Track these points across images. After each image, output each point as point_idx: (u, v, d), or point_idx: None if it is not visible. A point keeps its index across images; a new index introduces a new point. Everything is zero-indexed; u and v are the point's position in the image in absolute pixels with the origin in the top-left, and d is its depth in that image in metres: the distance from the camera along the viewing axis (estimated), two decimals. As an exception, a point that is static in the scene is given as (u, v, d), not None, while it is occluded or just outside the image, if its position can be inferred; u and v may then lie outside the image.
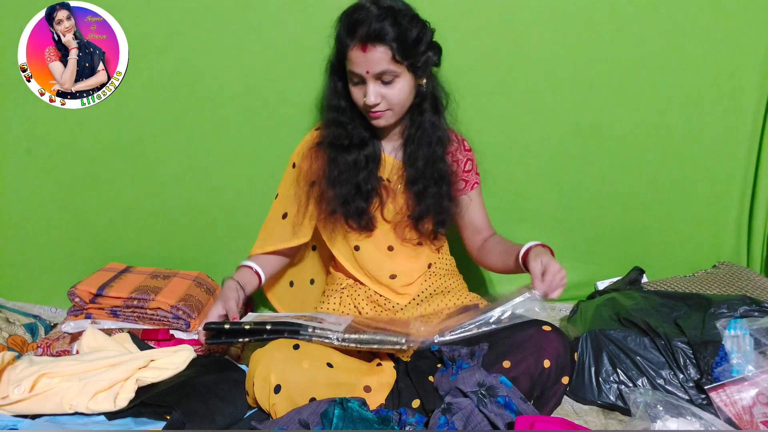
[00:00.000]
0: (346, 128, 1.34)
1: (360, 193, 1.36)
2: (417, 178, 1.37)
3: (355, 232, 1.41)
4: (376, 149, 1.38)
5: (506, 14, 1.56)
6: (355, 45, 1.22)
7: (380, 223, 1.42)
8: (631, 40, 1.58)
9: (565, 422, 1.12)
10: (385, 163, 1.41)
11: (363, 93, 1.27)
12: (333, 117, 1.35)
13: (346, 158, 1.35)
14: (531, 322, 1.26)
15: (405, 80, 1.27)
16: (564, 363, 1.19)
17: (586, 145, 1.67)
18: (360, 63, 1.23)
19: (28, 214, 1.65)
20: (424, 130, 1.35)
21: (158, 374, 1.23)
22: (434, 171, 1.37)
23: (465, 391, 1.14)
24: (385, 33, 1.20)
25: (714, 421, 1.09)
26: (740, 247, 1.80)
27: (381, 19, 1.20)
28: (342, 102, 1.33)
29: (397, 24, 1.21)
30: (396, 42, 1.21)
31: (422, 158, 1.36)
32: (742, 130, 1.69)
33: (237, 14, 1.51)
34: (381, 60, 1.22)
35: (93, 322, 1.45)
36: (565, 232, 1.76)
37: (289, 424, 1.08)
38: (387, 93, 1.26)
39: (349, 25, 1.22)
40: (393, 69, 1.23)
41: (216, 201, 1.67)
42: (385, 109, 1.29)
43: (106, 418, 1.15)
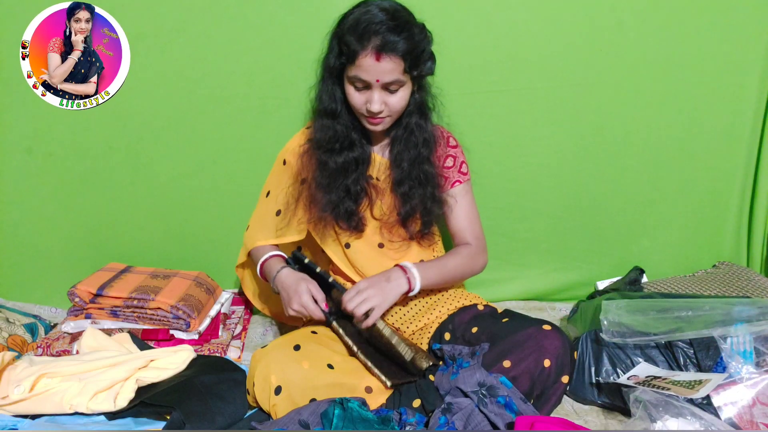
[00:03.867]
0: (337, 132, 1.34)
1: (349, 195, 1.37)
2: (403, 180, 1.37)
3: (346, 232, 1.41)
4: (366, 150, 1.39)
5: (506, 14, 1.56)
6: (367, 53, 1.21)
7: (369, 221, 1.42)
8: (631, 39, 1.58)
9: (565, 422, 1.12)
10: (374, 161, 1.41)
11: (365, 99, 1.27)
12: (327, 121, 1.34)
13: (336, 160, 1.35)
14: (531, 321, 1.26)
15: (407, 88, 1.28)
16: (564, 362, 1.19)
17: (586, 144, 1.67)
18: (371, 71, 1.22)
19: (28, 214, 1.65)
20: (410, 131, 1.35)
21: (158, 374, 1.23)
22: (420, 172, 1.36)
23: (465, 391, 1.15)
24: (401, 46, 1.21)
25: (714, 421, 1.09)
26: (740, 247, 1.80)
27: (398, 31, 1.20)
28: (338, 106, 1.33)
29: (411, 36, 1.22)
30: (409, 55, 1.22)
31: (408, 160, 1.36)
32: (742, 130, 1.69)
33: (237, 14, 1.51)
34: (393, 71, 1.22)
35: (93, 322, 1.45)
36: (565, 232, 1.76)
37: (289, 424, 1.08)
38: (390, 101, 1.27)
39: (362, 32, 1.21)
40: (401, 79, 1.25)
41: (216, 201, 1.67)
42: (386, 116, 1.30)
43: (106, 418, 1.15)
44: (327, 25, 1.30)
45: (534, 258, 1.78)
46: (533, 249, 1.77)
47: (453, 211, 1.43)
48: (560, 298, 1.81)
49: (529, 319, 1.28)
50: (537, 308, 1.76)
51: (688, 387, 1.13)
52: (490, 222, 1.71)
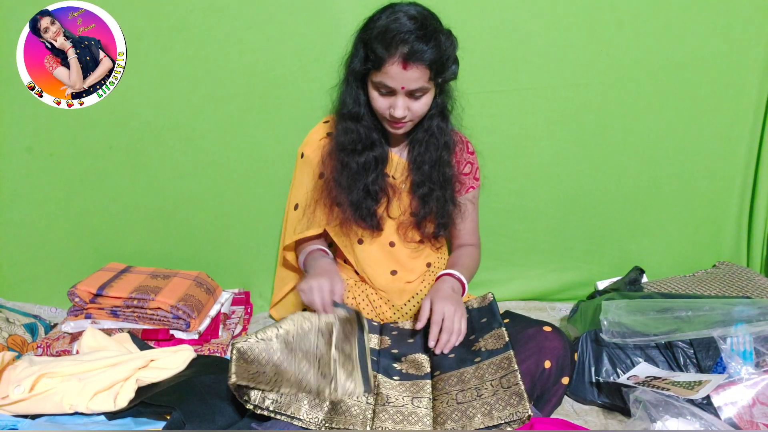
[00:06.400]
0: (360, 134, 1.35)
1: (369, 195, 1.37)
2: (423, 182, 1.38)
3: (366, 231, 1.42)
4: (385, 150, 1.40)
5: (506, 14, 1.56)
6: (394, 61, 1.21)
7: (386, 221, 1.43)
8: (631, 39, 1.58)
9: (565, 423, 1.12)
10: (392, 162, 1.42)
11: (389, 104, 1.27)
12: (350, 125, 1.35)
13: (358, 161, 1.36)
14: (531, 322, 1.27)
15: (431, 94, 1.29)
16: (564, 363, 1.19)
17: (586, 144, 1.67)
18: (397, 78, 1.22)
19: (28, 214, 1.65)
20: (432, 134, 1.36)
21: (158, 374, 1.23)
22: (440, 175, 1.38)
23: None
24: (428, 55, 1.21)
25: (714, 421, 1.09)
26: (740, 247, 1.80)
27: (425, 40, 1.20)
28: (362, 109, 1.33)
29: (438, 45, 1.22)
30: (435, 63, 1.23)
31: (429, 162, 1.37)
32: (742, 130, 1.69)
33: (237, 13, 1.51)
34: (419, 79, 1.23)
35: (93, 322, 1.45)
36: (565, 232, 1.76)
37: (289, 424, 1.08)
38: (413, 106, 1.28)
39: (389, 39, 1.20)
40: (426, 86, 1.25)
41: (216, 200, 1.67)
42: (408, 120, 1.30)
43: (106, 418, 1.15)
44: (327, 24, 1.30)
45: (534, 258, 1.78)
46: (533, 249, 1.77)
47: (462, 215, 1.46)
48: (560, 298, 1.81)
49: (529, 321, 1.29)
50: (537, 308, 1.76)
51: (687, 388, 1.13)
52: (491, 222, 1.71)
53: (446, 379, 1.17)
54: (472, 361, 1.19)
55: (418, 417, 1.10)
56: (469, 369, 1.17)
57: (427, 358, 1.26)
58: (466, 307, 1.36)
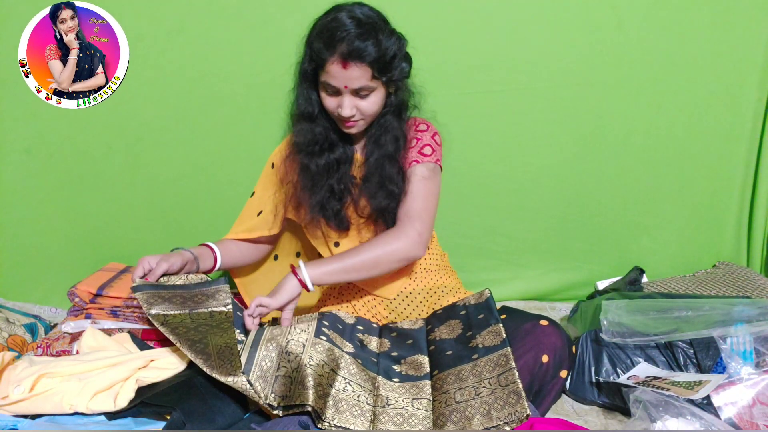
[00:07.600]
0: (316, 134, 1.34)
1: (334, 195, 1.37)
2: (368, 177, 1.36)
3: (334, 232, 1.41)
4: (347, 150, 1.39)
5: (506, 13, 1.56)
6: (334, 60, 1.22)
7: (354, 220, 1.41)
8: (631, 39, 1.58)
9: (565, 423, 1.12)
10: (356, 161, 1.41)
11: (337, 103, 1.28)
12: (305, 125, 1.34)
13: (318, 162, 1.35)
14: (529, 316, 1.27)
15: (379, 93, 1.28)
16: (563, 357, 1.19)
17: (586, 144, 1.67)
18: (338, 77, 1.23)
19: (28, 214, 1.65)
20: (384, 130, 1.35)
21: (158, 374, 1.23)
22: (382, 170, 1.34)
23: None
24: (367, 53, 1.21)
25: (714, 421, 1.09)
26: (740, 247, 1.80)
27: (363, 38, 1.20)
28: (315, 109, 1.33)
29: (378, 43, 1.22)
30: (376, 62, 1.22)
31: (374, 157, 1.35)
32: (742, 130, 1.69)
33: (237, 14, 1.52)
34: (360, 77, 1.23)
35: (93, 322, 1.45)
36: (565, 232, 1.76)
37: (289, 425, 1.08)
38: (361, 105, 1.27)
39: (328, 39, 1.21)
40: (370, 85, 1.25)
41: (216, 201, 1.67)
42: (359, 119, 1.30)
43: (106, 418, 1.14)
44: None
45: (534, 258, 1.78)
46: (533, 249, 1.77)
47: (403, 192, 1.35)
48: (560, 298, 1.81)
49: (526, 315, 1.29)
50: (537, 308, 1.76)
51: (687, 388, 1.13)
52: (490, 222, 1.71)
53: (444, 378, 1.17)
54: (469, 358, 1.19)
55: (418, 419, 1.11)
56: (467, 366, 1.17)
57: (427, 358, 1.26)
58: (464, 304, 1.36)
